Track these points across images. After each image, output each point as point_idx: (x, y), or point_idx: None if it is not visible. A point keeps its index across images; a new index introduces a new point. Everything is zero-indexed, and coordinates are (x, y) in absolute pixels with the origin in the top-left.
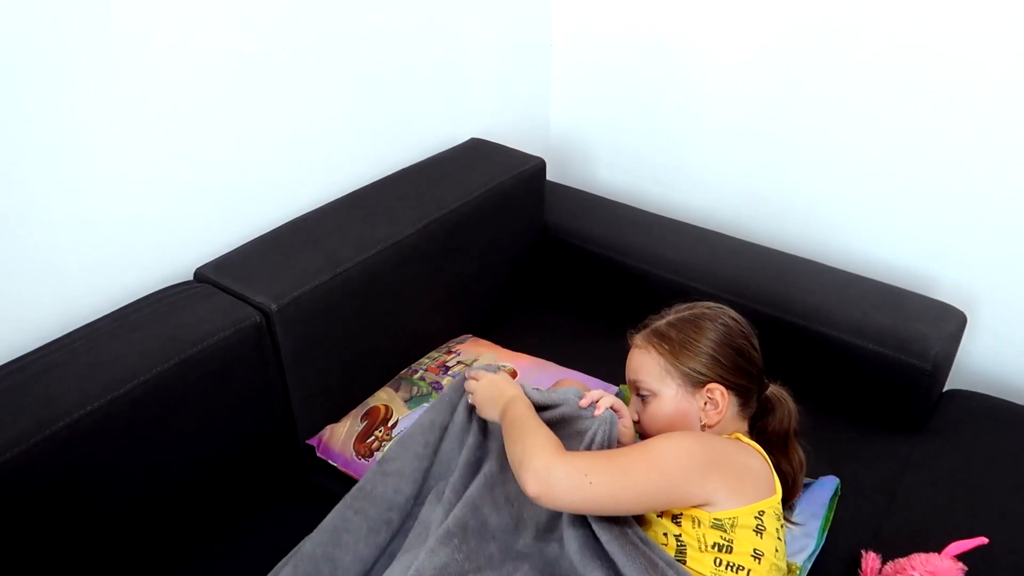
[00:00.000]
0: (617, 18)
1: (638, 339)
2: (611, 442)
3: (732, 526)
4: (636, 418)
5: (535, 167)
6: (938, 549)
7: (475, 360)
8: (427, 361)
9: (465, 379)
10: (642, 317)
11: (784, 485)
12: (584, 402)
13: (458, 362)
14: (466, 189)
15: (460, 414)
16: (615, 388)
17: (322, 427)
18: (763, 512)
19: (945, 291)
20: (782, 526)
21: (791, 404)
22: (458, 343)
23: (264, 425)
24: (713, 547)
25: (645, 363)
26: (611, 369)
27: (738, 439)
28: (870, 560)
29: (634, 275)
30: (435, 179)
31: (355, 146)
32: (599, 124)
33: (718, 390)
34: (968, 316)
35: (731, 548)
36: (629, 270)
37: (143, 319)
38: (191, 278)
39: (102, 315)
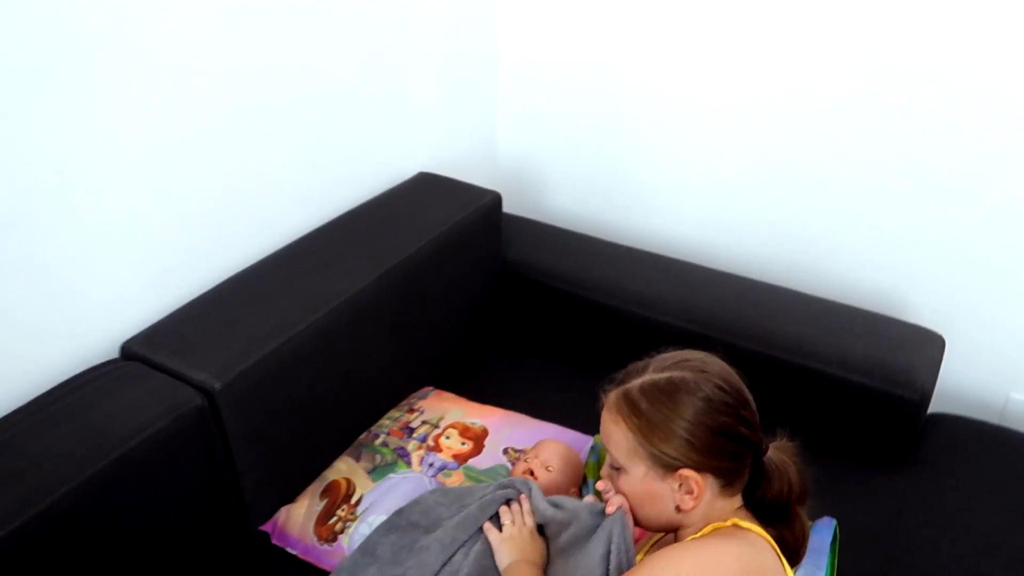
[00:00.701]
0: (563, 41)
1: (611, 399)
2: (628, 547)
3: None
4: (605, 478)
5: (491, 201)
6: None
7: (440, 418)
8: (388, 423)
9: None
10: (614, 354)
11: (786, 553)
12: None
13: (423, 422)
14: (421, 231)
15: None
16: (591, 440)
17: (277, 509)
18: None
19: (916, 311)
20: None
21: (793, 472)
22: (420, 399)
23: (212, 517)
24: None
25: (613, 434)
26: (587, 416)
27: (737, 526)
28: None
29: (603, 311)
30: (386, 221)
31: (296, 189)
32: (550, 151)
33: (692, 478)
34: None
35: None
36: (597, 306)
37: (64, 411)
38: (117, 355)
39: (14, 408)
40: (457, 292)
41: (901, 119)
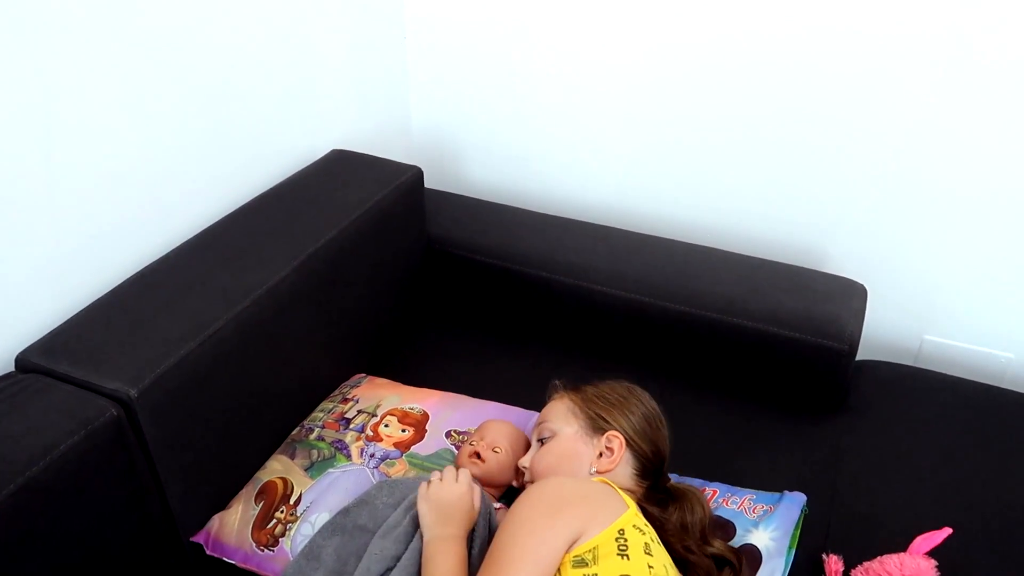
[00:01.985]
0: (472, 5)
1: (559, 389)
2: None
3: (594, 558)
4: (526, 469)
5: (412, 177)
6: (895, 539)
7: (377, 405)
8: (321, 415)
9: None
10: (549, 326)
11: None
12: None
13: (359, 411)
14: (341, 212)
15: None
16: (536, 415)
17: (209, 518)
18: (623, 531)
19: (834, 262)
20: (654, 539)
21: (704, 502)
22: (353, 387)
23: (137, 536)
24: None
25: (554, 407)
26: (528, 391)
27: (605, 483)
28: (832, 563)
29: (534, 283)
30: (303, 203)
31: (200, 174)
32: (465, 121)
33: (617, 439)
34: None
35: None
36: (527, 279)
37: None
38: (11, 368)
39: None
40: (383, 274)
41: (810, 74)
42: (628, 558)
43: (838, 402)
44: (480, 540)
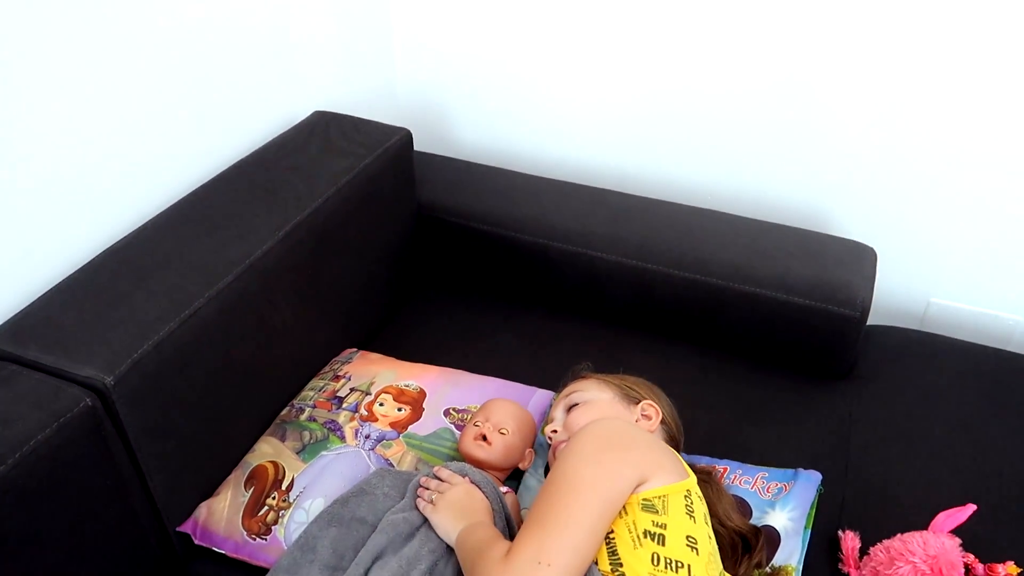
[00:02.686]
0: None
1: (582, 372)
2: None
3: (664, 506)
4: (553, 436)
5: (400, 140)
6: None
7: (371, 383)
8: (312, 394)
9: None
10: (547, 296)
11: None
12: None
13: (352, 389)
14: (327, 178)
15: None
16: (541, 392)
17: (196, 507)
18: (690, 492)
19: (840, 225)
20: (706, 518)
21: (720, 487)
22: (344, 364)
23: (120, 529)
24: (646, 536)
25: (580, 383)
26: (528, 365)
27: None
28: (848, 540)
29: (530, 250)
30: (285, 169)
31: (175, 140)
32: (455, 79)
33: (653, 408)
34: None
35: (664, 539)
36: (524, 246)
37: None
38: None
39: None
40: (372, 242)
41: (814, 28)
42: (695, 520)
43: (848, 368)
44: (498, 528)
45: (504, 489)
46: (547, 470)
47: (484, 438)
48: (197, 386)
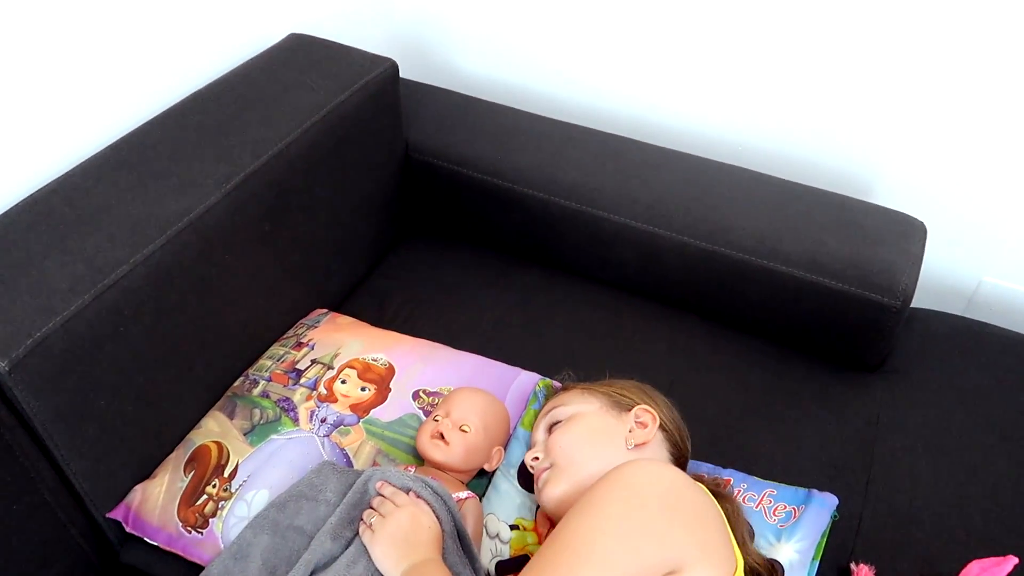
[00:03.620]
0: None
1: (564, 382)
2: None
3: None
4: (535, 464)
5: (385, 72)
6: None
7: (335, 355)
8: (270, 364)
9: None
10: (544, 259)
11: None
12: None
13: (313, 361)
14: (292, 118)
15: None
16: (525, 375)
17: (129, 489)
18: None
19: (883, 194)
20: None
21: (737, 506)
22: (310, 328)
23: (29, 524)
24: None
25: (563, 395)
26: (515, 340)
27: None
28: (862, 574)
29: (529, 205)
30: (246, 105)
31: (115, 68)
32: None
33: (648, 413)
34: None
35: None
36: (522, 199)
37: None
38: None
39: None
40: (347, 194)
41: None
42: None
43: (879, 361)
44: (449, 552)
45: (465, 494)
46: (525, 479)
47: (442, 436)
48: (122, 364)
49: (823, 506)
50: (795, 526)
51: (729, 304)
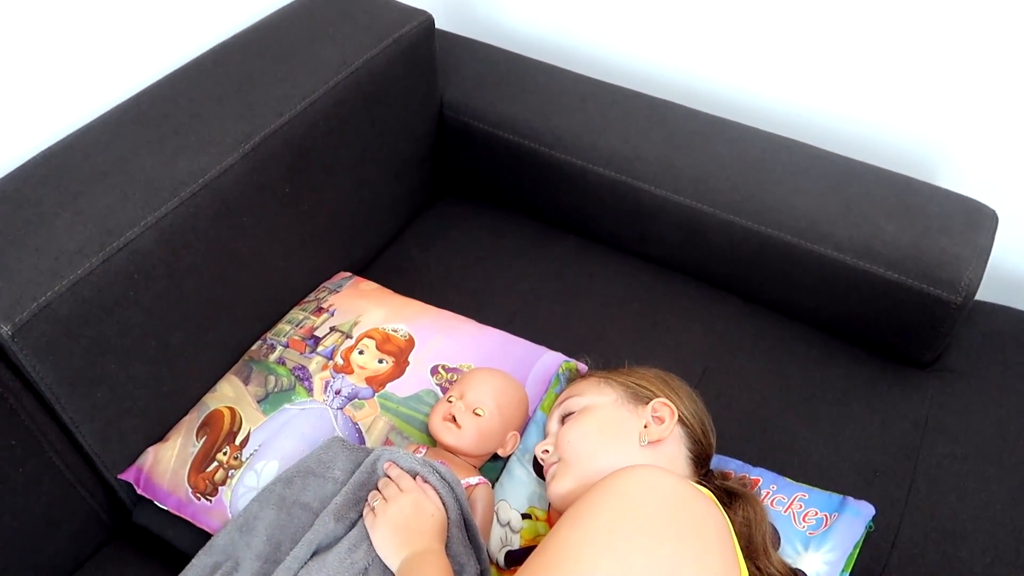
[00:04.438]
0: None
1: (582, 370)
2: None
3: None
4: (547, 456)
5: (420, 26)
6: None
7: (354, 323)
8: (288, 329)
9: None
10: (580, 223)
11: None
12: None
13: (332, 328)
14: (319, 72)
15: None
16: (550, 355)
17: (142, 451)
18: None
19: (950, 176)
20: None
21: (760, 507)
22: (332, 292)
23: (37, 487)
24: None
25: (579, 383)
26: (544, 315)
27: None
28: None
29: (566, 172)
30: (270, 60)
31: (130, 18)
32: None
33: (667, 407)
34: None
35: None
36: (559, 165)
37: None
38: None
39: None
40: (377, 151)
41: None
42: None
43: (933, 358)
44: (455, 540)
45: (475, 480)
46: (540, 467)
47: (455, 420)
48: (133, 327)
49: (858, 515)
50: (825, 535)
51: (773, 289)
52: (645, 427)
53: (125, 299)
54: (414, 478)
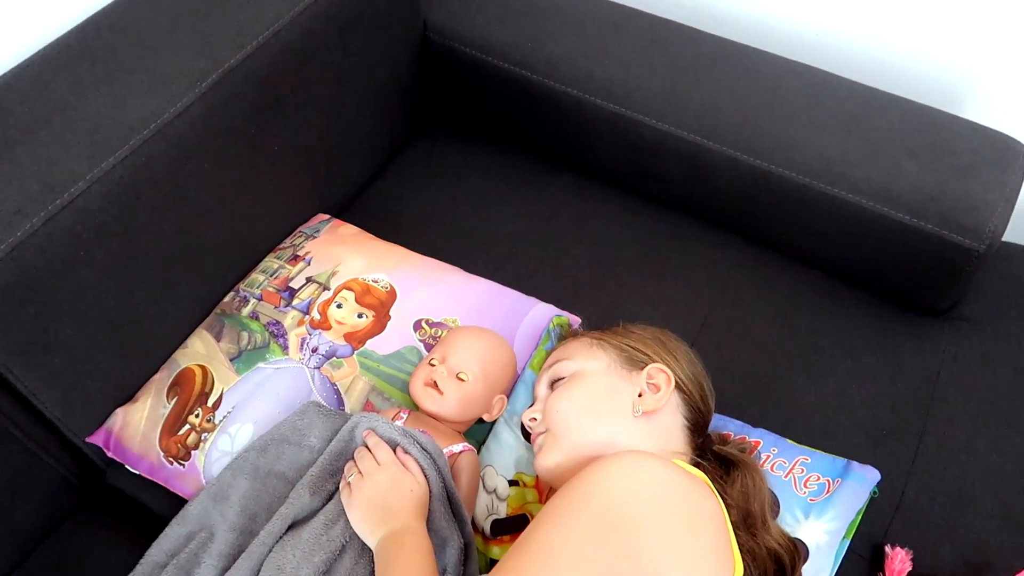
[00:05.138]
0: None
1: (575, 329)
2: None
3: None
4: (534, 424)
5: None
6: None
7: (332, 273)
8: (262, 279)
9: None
10: (574, 157)
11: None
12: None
13: (308, 279)
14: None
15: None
16: (542, 306)
17: (110, 413)
18: None
19: (975, 107)
20: None
21: (759, 475)
22: (309, 238)
23: (1, 462)
24: None
25: (570, 344)
26: (536, 261)
27: (679, 466)
28: (896, 561)
29: (560, 102)
30: None
31: None
32: None
33: (663, 373)
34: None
35: None
36: (553, 95)
37: None
38: None
39: None
40: (353, 83)
41: None
42: None
43: (949, 306)
44: (436, 515)
45: (460, 447)
46: (526, 433)
47: (436, 385)
48: (87, 290)
49: (862, 482)
50: (827, 502)
51: (782, 232)
52: (639, 395)
53: (75, 260)
54: (394, 450)
